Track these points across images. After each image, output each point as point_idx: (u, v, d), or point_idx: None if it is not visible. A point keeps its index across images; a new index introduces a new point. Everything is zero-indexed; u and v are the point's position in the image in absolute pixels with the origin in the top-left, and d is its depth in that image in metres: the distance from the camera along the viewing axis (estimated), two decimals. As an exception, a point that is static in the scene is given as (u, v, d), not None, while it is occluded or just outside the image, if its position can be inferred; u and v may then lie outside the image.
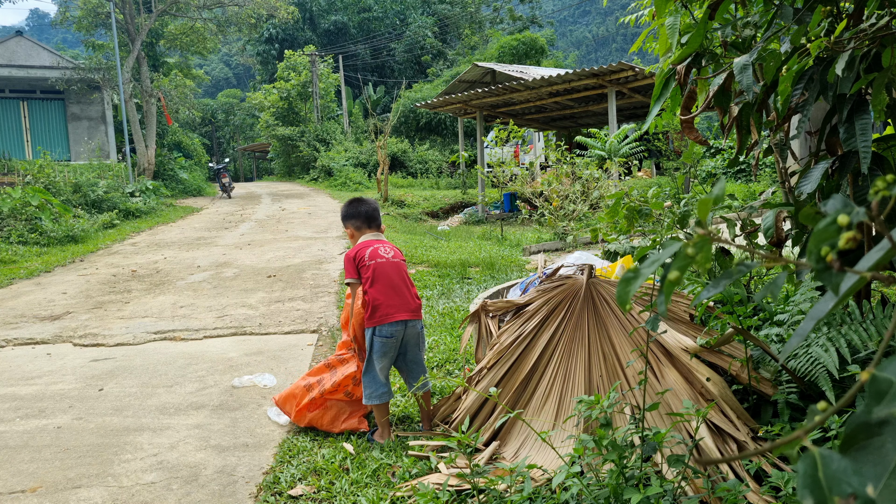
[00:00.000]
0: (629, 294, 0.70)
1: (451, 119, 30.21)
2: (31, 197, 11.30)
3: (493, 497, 2.26)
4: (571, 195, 10.58)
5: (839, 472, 0.48)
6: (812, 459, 0.49)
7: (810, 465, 0.49)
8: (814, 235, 0.59)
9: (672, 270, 0.66)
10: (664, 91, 2.47)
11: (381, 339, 3.05)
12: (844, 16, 2.17)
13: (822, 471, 0.48)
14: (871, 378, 0.52)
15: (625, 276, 0.71)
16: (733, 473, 2.21)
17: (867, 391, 0.52)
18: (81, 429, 3.36)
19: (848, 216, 0.57)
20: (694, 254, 0.65)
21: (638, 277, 0.70)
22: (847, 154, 2.08)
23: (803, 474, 0.48)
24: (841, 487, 0.47)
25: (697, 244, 0.65)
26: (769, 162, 13.42)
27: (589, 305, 2.90)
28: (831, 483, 0.47)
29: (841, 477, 0.47)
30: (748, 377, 2.47)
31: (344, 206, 3.30)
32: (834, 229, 0.58)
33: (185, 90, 21.97)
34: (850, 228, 0.57)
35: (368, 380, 3.08)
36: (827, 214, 0.59)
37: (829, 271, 0.59)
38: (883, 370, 0.52)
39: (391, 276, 3.08)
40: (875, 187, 0.59)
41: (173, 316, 5.91)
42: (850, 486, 0.47)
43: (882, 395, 0.51)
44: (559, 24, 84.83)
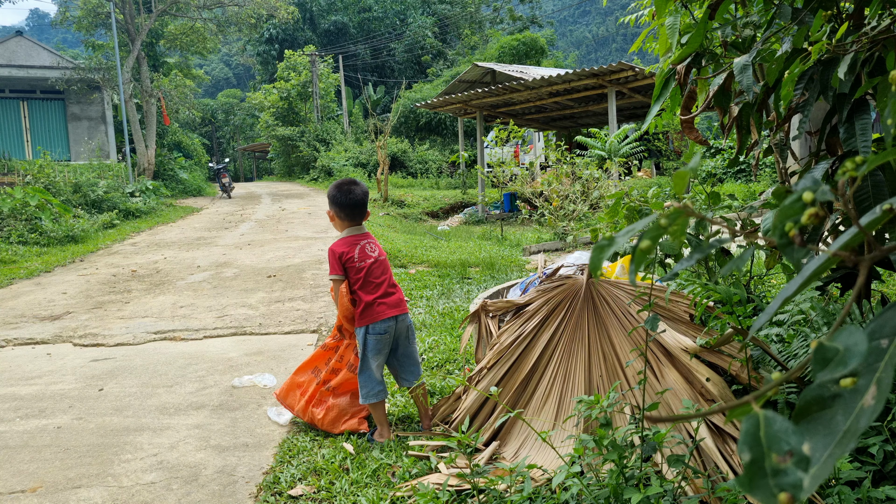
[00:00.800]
0: (601, 260, 0.71)
1: (451, 119, 30.22)
2: (31, 197, 11.30)
3: (493, 497, 2.26)
4: (571, 195, 10.58)
5: (780, 431, 0.49)
6: (755, 419, 0.50)
7: (753, 423, 0.50)
8: (779, 211, 0.60)
9: (644, 240, 0.67)
10: (664, 91, 2.47)
11: (375, 336, 3.07)
12: (844, 16, 2.17)
13: (763, 429, 0.49)
14: (818, 346, 0.54)
15: (598, 243, 0.71)
16: (733, 473, 2.21)
17: (813, 357, 0.54)
18: (81, 429, 3.36)
19: (812, 193, 0.59)
20: (667, 224, 0.66)
21: (611, 245, 0.70)
22: (847, 154, 2.08)
23: (745, 431, 0.50)
24: (779, 445, 0.48)
25: (671, 215, 0.66)
26: (769, 162, 13.42)
27: (589, 305, 2.90)
28: (771, 441, 0.49)
29: (781, 436, 0.49)
30: (748, 377, 2.47)
31: (333, 187, 3.14)
32: (799, 206, 0.59)
33: (185, 90, 21.98)
34: (815, 205, 0.58)
35: (364, 379, 3.09)
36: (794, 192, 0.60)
37: (792, 246, 0.61)
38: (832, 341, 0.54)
39: (379, 275, 3.10)
40: (843, 168, 0.60)
41: (173, 316, 5.91)
42: (788, 443, 0.48)
43: (826, 362, 0.53)
44: (559, 24, 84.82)
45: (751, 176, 15.06)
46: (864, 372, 0.52)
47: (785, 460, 0.47)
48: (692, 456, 2.20)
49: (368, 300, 3.06)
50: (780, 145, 2.57)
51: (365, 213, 3.17)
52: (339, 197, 3.10)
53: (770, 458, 0.48)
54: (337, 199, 3.11)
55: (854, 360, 0.51)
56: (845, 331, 0.54)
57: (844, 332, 0.54)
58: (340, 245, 3.09)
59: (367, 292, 3.07)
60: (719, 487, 1.90)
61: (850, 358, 0.52)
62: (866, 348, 0.52)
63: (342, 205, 3.10)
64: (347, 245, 3.08)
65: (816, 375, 0.53)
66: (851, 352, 0.52)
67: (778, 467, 0.47)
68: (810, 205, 0.58)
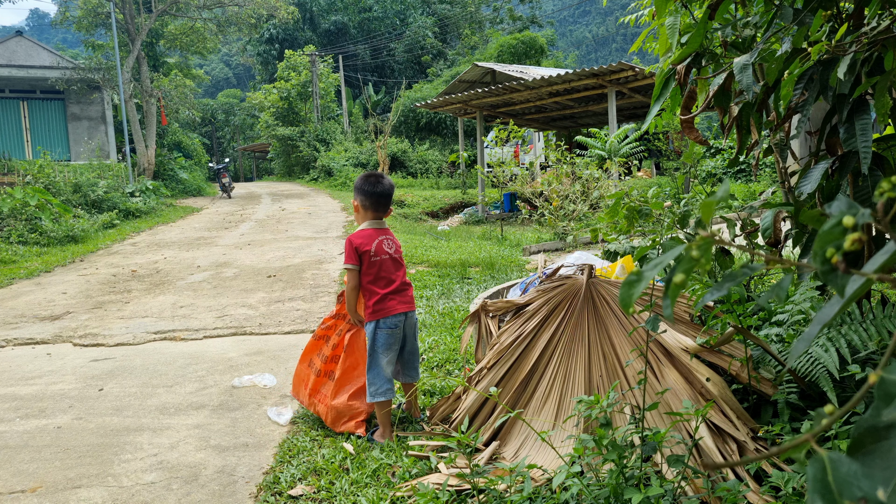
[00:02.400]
0: (633, 298, 0.70)
1: (451, 119, 30.21)
2: (31, 197, 11.30)
3: (493, 497, 2.26)
4: (571, 195, 10.58)
5: (849, 475, 0.47)
6: (821, 463, 0.48)
7: (819, 469, 0.48)
8: (819, 237, 0.59)
9: (677, 273, 0.66)
10: (664, 91, 2.47)
11: (387, 330, 3.09)
12: (844, 15, 2.17)
13: (831, 474, 0.47)
14: (880, 380, 0.52)
15: (628, 279, 0.71)
16: (733, 473, 2.21)
17: (876, 393, 0.52)
18: (81, 429, 3.36)
19: (853, 217, 0.57)
20: (699, 256, 0.65)
21: (641, 281, 0.70)
22: (847, 154, 2.08)
23: (813, 478, 0.48)
24: (851, 491, 0.46)
25: (701, 246, 0.65)
26: (769, 162, 13.42)
27: (589, 305, 2.90)
28: (841, 487, 0.46)
29: (851, 480, 0.47)
30: (748, 377, 2.47)
31: (361, 177, 3.19)
32: (839, 231, 0.58)
33: (185, 90, 21.98)
34: (856, 230, 0.57)
35: (373, 376, 3.09)
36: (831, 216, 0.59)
37: (835, 273, 0.59)
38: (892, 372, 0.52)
39: (394, 272, 3.14)
40: (880, 188, 0.59)
41: (173, 316, 5.91)
42: (860, 489, 0.46)
43: (892, 398, 0.51)
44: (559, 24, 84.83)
45: (751, 176, 15.06)
46: None
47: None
48: (692, 456, 2.20)
49: (380, 295, 3.08)
50: (780, 145, 2.57)
51: (388, 207, 3.20)
52: (365, 187, 3.13)
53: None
54: (363, 188, 3.14)
55: None
56: None
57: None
58: (359, 237, 3.10)
59: (380, 286, 3.09)
60: (719, 487, 1.90)
61: None
62: None
63: (367, 194, 3.13)
64: (365, 238, 3.10)
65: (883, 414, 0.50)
66: None
67: None
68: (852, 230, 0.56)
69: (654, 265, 0.69)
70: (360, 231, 3.14)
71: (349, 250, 3.09)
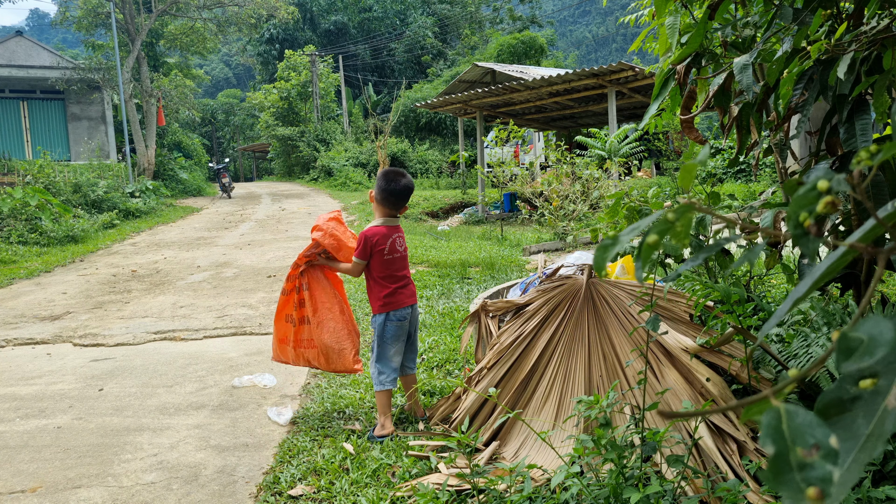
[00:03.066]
0: (605, 260, 0.69)
1: (451, 119, 30.21)
2: (31, 197, 11.30)
3: (493, 497, 2.26)
4: (571, 195, 10.58)
5: (803, 424, 0.47)
6: (776, 412, 0.48)
7: (774, 416, 0.48)
8: (793, 201, 0.58)
9: (651, 234, 0.65)
10: (663, 91, 2.47)
11: (396, 322, 3.23)
12: (844, 16, 2.17)
13: (785, 422, 0.47)
14: (841, 336, 0.52)
15: (602, 242, 0.70)
16: (733, 473, 2.21)
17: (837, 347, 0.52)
18: (81, 429, 3.36)
19: (828, 182, 0.57)
20: (674, 219, 0.64)
21: (616, 244, 0.68)
22: (847, 154, 2.08)
23: (766, 425, 0.48)
24: (804, 438, 0.46)
25: (678, 210, 0.64)
26: (769, 162, 13.42)
27: (589, 305, 2.90)
28: (795, 434, 0.46)
29: (805, 429, 0.47)
30: (748, 377, 2.47)
31: (382, 173, 3.27)
32: (814, 195, 0.57)
33: (185, 90, 21.98)
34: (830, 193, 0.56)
35: (382, 365, 3.21)
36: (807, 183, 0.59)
37: (807, 237, 0.58)
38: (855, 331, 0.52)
39: (401, 269, 3.29)
40: (857, 157, 0.58)
41: (173, 316, 5.91)
42: (813, 437, 0.46)
43: (851, 353, 0.51)
44: (559, 24, 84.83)
45: (751, 176, 15.06)
46: (885, 372, 0.49)
47: (811, 454, 0.45)
48: (692, 456, 2.20)
49: (391, 289, 3.23)
50: (780, 145, 2.57)
51: (403, 205, 3.29)
52: (383, 183, 3.23)
53: (795, 452, 0.46)
54: (380, 184, 3.24)
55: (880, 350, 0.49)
56: (869, 320, 0.52)
57: (868, 321, 0.52)
58: (374, 234, 3.18)
59: (391, 282, 3.23)
60: (719, 487, 1.90)
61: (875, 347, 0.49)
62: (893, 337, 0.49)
63: (381, 190, 3.23)
64: (380, 236, 3.20)
65: (841, 366, 0.50)
66: (877, 341, 0.50)
67: (804, 461, 0.45)
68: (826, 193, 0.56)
69: (632, 230, 0.68)
70: (375, 228, 3.22)
71: (362, 246, 3.18)
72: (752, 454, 2.27)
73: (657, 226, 0.64)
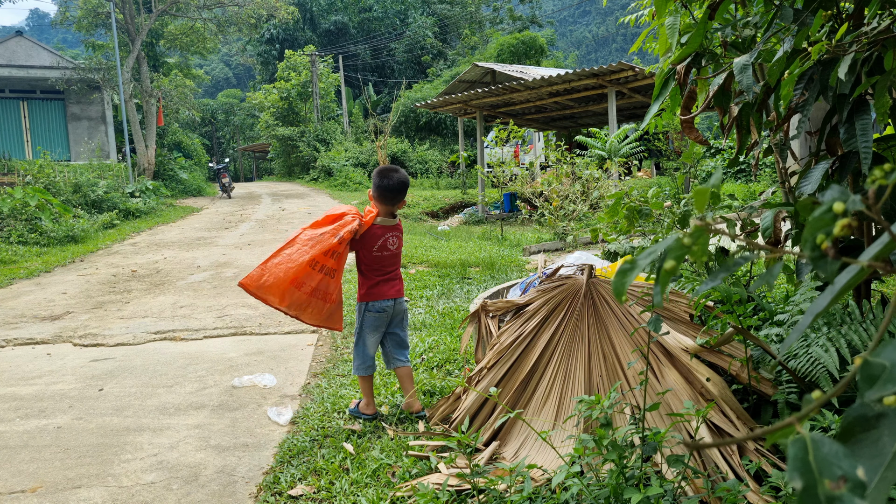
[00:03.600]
0: (625, 286, 0.70)
1: (451, 119, 30.22)
2: (31, 197, 11.30)
3: (493, 497, 2.26)
4: (571, 195, 10.58)
5: (830, 455, 0.47)
6: (802, 443, 0.48)
7: (801, 448, 0.48)
8: (809, 223, 0.58)
9: (668, 260, 0.65)
10: (664, 91, 2.47)
11: (374, 313, 3.32)
12: (844, 16, 2.17)
13: (812, 454, 0.47)
14: (864, 363, 0.51)
15: (621, 267, 0.70)
16: (733, 473, 2.21)
17: (859, 376, 0.52)
18: (81, 429, 3.36)
19: (843, 203, 0.57)
20: (690, 244, 0.64)
21: (634, 269, 0.69)
22: (847, 154, 2.08)
23: (793, 457, 0.47)
24: (831, 470, 0.46)
25: (694, 234, 0.64)
26: (769, 162, 13.42)
27: (589, 305, 2.90)
28: (822, 466, 0.46)
29: (832, 460, 0.46)
30: (748, 377, 2.47)
31: (377, 171, 3.32)
32: (829, 217, 0.57)
33: (185, 90, 21.98)
34: (846, 216, 0.56)
35: (358, 352, 3.36)
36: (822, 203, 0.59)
37: (825, 259, 0.58)
38: (876, 356, 0.51)
39: (389, 266, 3.37)
40: (872, 176, 0.58)
41: (173, 316, 5.91)
42: (840, 468, 0.46)
43: (874, 380, 0.50)
44: (559, 24, 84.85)
45: (751, 176, 15.06)
46: None
47: (839, 486, 0.45)
48: (692, 456, 2.20)
49: (375, 280, 3.32)
50: (780, 145, 2.57)
51: (399, 200, 3.28)
52: (377, 180, 3.29)
53: (823, 485, 0.45)
54: (376, 181, 3.29)
55: None
56: (889, 345, 0.51)
57: (889, 346, 0.51)
58: (367, 226, 3.27)
59: (375, 274, 3.33)
60: (719, 487, 1.90)
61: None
62: None
63: (378, 187, 3.27)
64: (373, 231, 3.28)
65: (864, 394, 0.50)
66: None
67: (832, 494, 0.44)
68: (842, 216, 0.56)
69: (648, 254, 0.69)
70: (371, 220, 3.29)
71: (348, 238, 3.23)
72: (752, 454, 2.27)
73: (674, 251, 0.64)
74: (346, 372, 4.12)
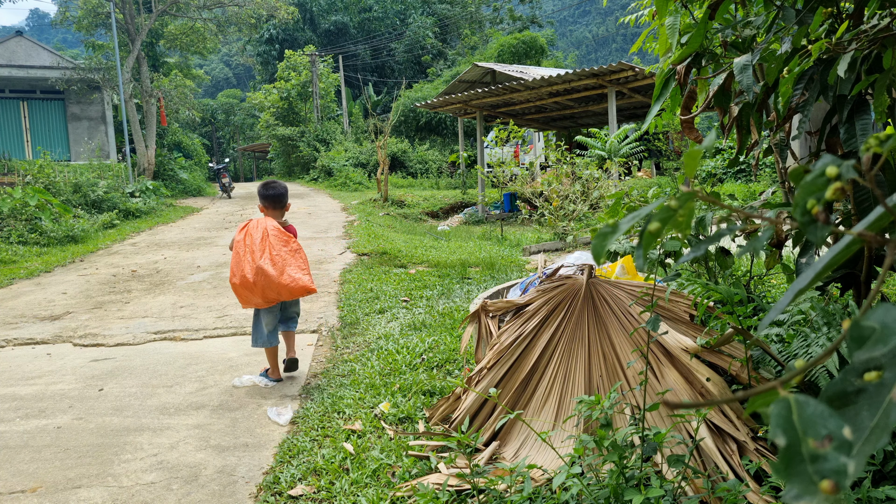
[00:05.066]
0: (604, 248, 0.67)
1: (451, 119, 30.22)
2: (31, 197, 11.29)
3: (493, 497, 2.26)
4: (571, 195, 10.58)
5: (815, 415, 0.46)
6: (786, 402, 0.47)
7: (784, 407, 0.47)
8: (801, 188, 0.57)
9: (653, 222, 0.63)
10: (664, 91, 2.47)
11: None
12: (844, 16, 2.17)
13: (796, 413, 0.46)
14: (853, 324, 0.51)
15: (601, 230, 0.68)
16: (733, 473, 2.21)
17: (848, 338, 0.51)
18: (81, 429, 3.36)
19: (836, 168, 0.55)
20: (676, 206, 0.62)
21: (615, 231, 0.67)
22: (847, 154, 2.08)
23: (776, 415, 0.46)
24: (816, 429, 0.45)
25: (681, 198, 0.62)
26: (769, 162, 13.41)
27: (589, 305, 2.90)
28: (806, 425, 0.45)
29: (817, 420, 0.45)
30: (748, 377, 2.47)
31: (260, 186, 4.16)
32: (822, 181, 0.56)
33: (185, 90, 21.96)
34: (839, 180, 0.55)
35: (255, 329, 3.99)
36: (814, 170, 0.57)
37: (815, 224, 0.57)
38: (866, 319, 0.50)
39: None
40: (866, 144, 0.56)
41: (173, 316, 5.91)
42: (825, 428, 0.45)
43: (863, 341, 0.49)
44: (559, 24, 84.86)
45: (751, 176, 15.06)
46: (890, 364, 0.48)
47: (824, 445, 0.44)
48: (692, 456, 2.20)
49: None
50: (780, 145, 2.57)
51: (282, 204, 4.09)
52: (261, 191, 4.15)
53: (807, 444, 0.44)
54: (259, 193, 4.16)
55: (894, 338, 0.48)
56: (881, 308, 0.50)
57: (880, 308, 0.50)
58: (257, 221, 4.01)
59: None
60: (719, 487, 1.90)
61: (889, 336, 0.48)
62: None
63: (262, 197, 4.13)
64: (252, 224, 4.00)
65: (853, 355, 0.49)
66: (890, 328, 0.48)
67: (817, 453, 0.43)
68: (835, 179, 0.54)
69: (632, 217, 0.67)
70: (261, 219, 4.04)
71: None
72: (752, 454, 2.27)
73: (659, 213, 0.62)
74: (346, 372, 4.12)
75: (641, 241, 0.65)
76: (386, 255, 8.78)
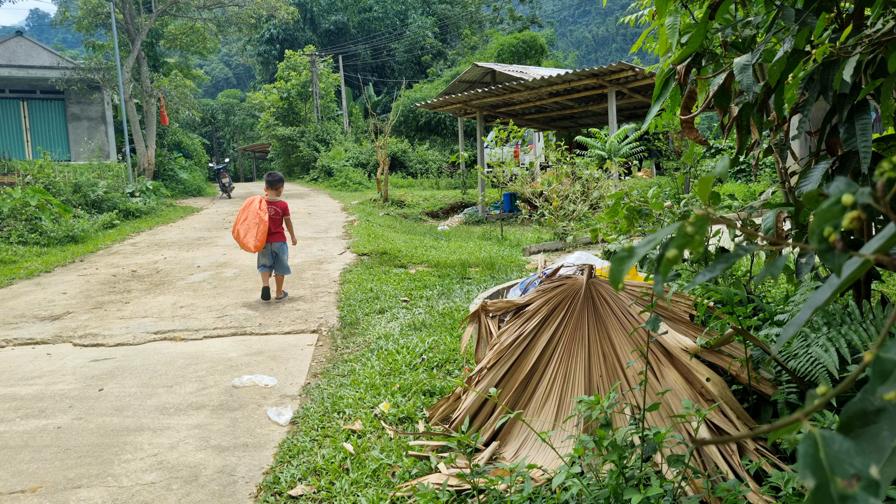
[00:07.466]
0: (622, 273, 0.67)
1: (451, 119, 30.22)
2: (31, 197, 11.29)
3: (493, 497, 2.26)
4: (571, 195, 10.58)
5: (841, 452, 0.46)
6: (813, 440, 0.47)
7: (811, 445, 0.47)
8: (817, 215, 0.57)
9: (670, 248, 0.63)
10: (664, 91, 2.47)
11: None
12: (845, 16, 2.17)
13: (823, 451, 0.46)
14: (875, 358, 0.50)
15: (619, 254, 0.68)
16: (733, 473, 2.21)
17: (871, 371, 0.51)
18: (81, 429, 3.36)
19: (852, 195, 0.55)
20: (693, 232, 0.62)
21: (632, 256, 0.67)
22: (847, 154, 2.08)
23: (804, 454, 0.46)
24: (843, 468, 0.45)
25: (696, 222, 0.62)
26: (769, 162, 13.42)
27: (589, 305, 2.90)
28: (833, 463, 0.45)
29: (843, 457, 0.45)
30: (748, 377, 2.47)
31: (266, 175, 6.49)
32: (838, 209, 0.56)
33: (185, 90, 21.97)
34: (855, 208, 0.55)
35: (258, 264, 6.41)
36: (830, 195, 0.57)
37: (832, 252, 0.57)
38: (887, 351, 0.50)
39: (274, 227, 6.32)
40: (880, 168, 0.57)
41: (173, 316, 5.91)
42: (852, 466, 0.45)
43: (886, 375, 0.49)
44: (559, 24, 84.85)
45: (751, 176, 15.05)
46: None
47: (851, 485, 0.43)
48: (692, 456, 2.21)
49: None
50: (780, 145, 2.57)
51: (276, 187, 6.42)
52: (267, 178, 6.54)
53: (836, 484, 0.44)
54: (265, 179, 6.56)
55: None
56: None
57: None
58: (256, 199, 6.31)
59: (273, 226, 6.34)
60: (719, 487, 1.90)
61: None
62: None
63: (266, 182, 6.51)
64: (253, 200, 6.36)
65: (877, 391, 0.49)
66: None
67: (846, 493, 0.43)
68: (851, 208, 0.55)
69: (648, 241, 0.67)
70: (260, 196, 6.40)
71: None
72: (752, 454, 2.27)
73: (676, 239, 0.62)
74: (346, 372, 4.12)
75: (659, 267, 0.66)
76: (386, 255, 8.78)
